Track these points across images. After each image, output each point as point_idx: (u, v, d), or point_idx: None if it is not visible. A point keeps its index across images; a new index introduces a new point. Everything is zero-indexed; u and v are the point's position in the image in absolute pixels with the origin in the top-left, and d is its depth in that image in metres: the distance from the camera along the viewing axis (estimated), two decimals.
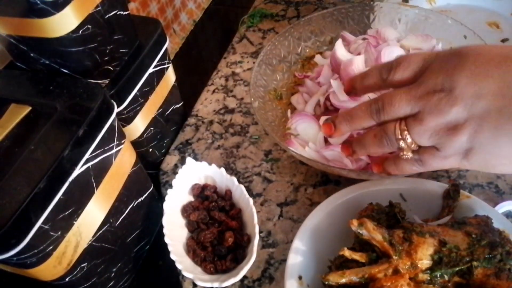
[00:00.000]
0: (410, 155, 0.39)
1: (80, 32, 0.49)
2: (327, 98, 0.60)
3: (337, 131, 0.44)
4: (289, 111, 0.65)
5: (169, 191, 0.58)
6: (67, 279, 0.47)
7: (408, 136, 0.37)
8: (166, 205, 0.57)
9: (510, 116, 0.31)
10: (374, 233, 0.43)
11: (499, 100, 0.32)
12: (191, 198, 0.60)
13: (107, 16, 0.52)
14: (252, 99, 0.60)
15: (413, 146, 0.38)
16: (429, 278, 0.41)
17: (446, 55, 0.36)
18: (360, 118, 0.41)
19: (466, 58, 0.34)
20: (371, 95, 0.50)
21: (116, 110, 0.49)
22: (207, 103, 0.76)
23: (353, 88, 0.46)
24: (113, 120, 0.48)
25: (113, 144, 0.49)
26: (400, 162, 0.40)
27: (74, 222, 0.45)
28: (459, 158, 0.36)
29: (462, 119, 0.33)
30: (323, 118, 0.56)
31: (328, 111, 0.60)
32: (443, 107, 0.34)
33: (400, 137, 0.37)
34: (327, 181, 0.61)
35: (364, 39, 0.65)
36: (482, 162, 0.35)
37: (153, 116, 0.64)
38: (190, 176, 0.60)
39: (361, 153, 0.44)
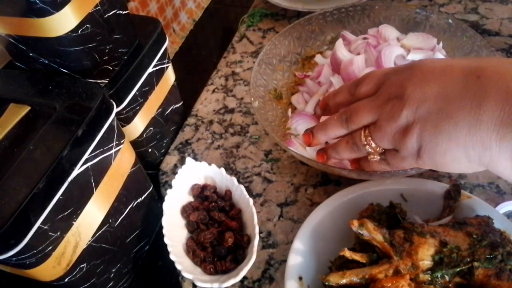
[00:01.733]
0: (377, 157, 0.44)
1: (79, 31, 0.49)
2: None
3: (314, 139, 0.49)
4: (289, 111, 0.65)
5: (168, 191, 0.58)
6: (66, 280, 0.47)
7: (371, 142, 0.42)
8: (165, 206, 0.56)
9: (447, 116, 0.35)
10: (375, 234, 0.43)
11: (438, 102, 0.36)
12: (191, 199, 0.60)
13: (107, 15, 0.52)
14: (252, 98, 0.60)
15: (378, 149, 0.43)
16: (430, 278, 0.41)
17: (401, 69, 0.41)
18: (333, 127, 0.46)
19: (415, 69, 0.39)
20: None
21: (115, 110, 0.49)
22: (207, 103, 0.76)
23: (327, 105, 0.51)
24: (113, 120, 0.48)
25: (112, 144, 0.49)
26: (371, 162, 0.45)
27: (73, 222, 0.45)
28: (415, 158, 0.40)
29: (411, 121, 0.37)
30: (323, 118, 0.57)
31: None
32: (395, 112, 0.38)
33: (365, 143, 0.43)
34: (327, 181, 0.61)
35: (364, 38, 0.65)
36: (431, 160, 0.38)
37: (153, 116, 0.64)
38: (189, 176, 0.60)
39: (335, 159, 0.49)
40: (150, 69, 0.59)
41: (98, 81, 0.52)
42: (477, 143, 0.34)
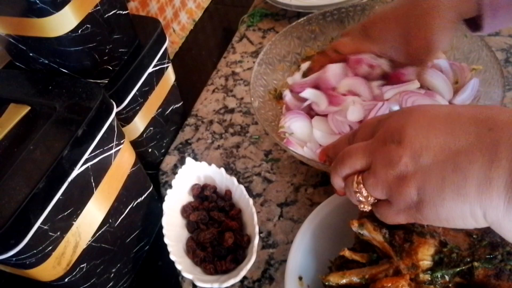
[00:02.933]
0: (368, 208, 0.39)
1: (79, 31, 0.49)
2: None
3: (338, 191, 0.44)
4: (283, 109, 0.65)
5: (168, 191, 0.58)
6: (66, 280, 0.47)
7: (363, 189, 0.37)
8: (165, 206, 0.56)
9: (455, 168, 0.32)
10: (375, 234, 0.43)
11: (446, 152, 0.32)
12: (191, 199, 0.60)
13: (107, 15, 0.52)
14: (252, 98, 0.60)
15: (370, 199, 0.38)
16: (430, 278, 0.41)
17: (398, 113, 0.37)
18: (332, 175, 0.42)
19: (414, 113, 0.36)
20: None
21: (115, 110, 0.49)
22: (207, 103, 0.76)
23: (327, 157, 0.47)
24: (113, 120, 0.48)
25: (112, 144, 0.49)
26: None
27: (73, 222, 0.45)
28: (412, 212, 0.35)
29: (411, 170, 0.34)
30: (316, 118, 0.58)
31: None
32: (393, 158, 0.34)
33: (356, 190, 0.38)
34: (327, 181, 0.61)
35: None
36: (434, 216, 0.34)
37: (153, 116, 0.64)
38: (189, 176, 0.60)
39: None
40: (150, 69, 0.59)
41: (98, 81, 0.52)
42: (486, 201, 0.31)
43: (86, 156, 0.45)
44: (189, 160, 0.60)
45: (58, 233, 0.44)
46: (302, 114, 0.61)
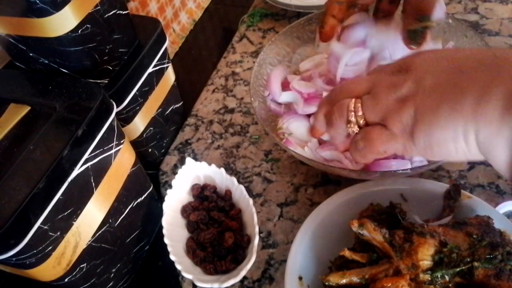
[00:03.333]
0: (356, 129, 0.37)
1: (79, 31, 0.49)
2: None
3: (313, 129, 0.43)
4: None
5: (168, 191, 0.58)
6: (66, 280, 0.47)
7: (359, 110, 0.36)
8: (165, 206, 0.56)
9: (455, 85, 0.32)
10: (375, 234, 0.43)
11: (449, 75, 0.33)
12: (191, 199, 0.60)
13: (107, 15, 0.52)
14: (252, 98, 0.60)
15: (361, 121, 0.37)
16: (430, 278, 0.41)
17: (411, 53, 0.38)
18: (321, 104, 0.41)
19: (424, 52, 0.36)
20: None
21: (115, 110, 0.49)
22: (207, 103, 0.76)
23: (328, 105, 0.43)
24: (113, 120, 0.48)
25: (112, 144, 0.49)
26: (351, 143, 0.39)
27: (73, 222, 0.45)
28: (406, 137, 0.34)
29: (412, 93, 0.34)
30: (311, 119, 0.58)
31: None
32: (397, 82, 0.34)
33: (352, 108, 0.37)
34: (327, 181, 0.61)
35: None
36: (426, 139, 0.33)
37: (153, 116, 0.64)
38: (189, 176, 0.60)
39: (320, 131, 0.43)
40: (150, 69, 0.59)
41: (98, 81, 0.52)
42: (480, 116, 0.30)
43: (86, 156, 0.45)
44: (189, 160, 0.60)
45: (58, 233, 0.44)
46: (299, 115, 0.61)
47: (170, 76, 0.66)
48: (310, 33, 0.70)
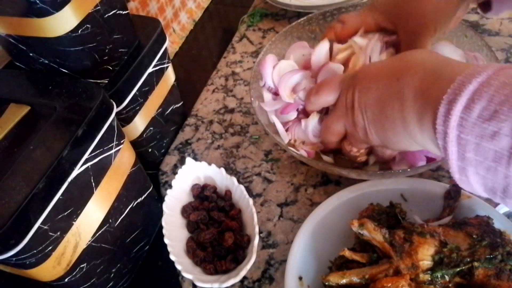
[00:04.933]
0: (364, 158, 0.53)
1: (79, 31, 0.49)
2: None
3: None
4: None
5: (168, 191, 0.58)
6: (66, 280, 0.47)
7: (353, 148, 0.50)
8: (165, 206, 0.56)
9: (386, 116, 0.42)
10: (375, 234, 0.43)
11: (378, 105, 0.43)
12: (191, 199, 0.60)
13: (107, 15, 0.52)
14: (252, 98, 0.60)
15: (363, 151, 0.51)
16: (430, 278, 0.41)
17: (349, 77, 0.48)
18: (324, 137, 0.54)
19: (359, 77, 0.46)
20: None
21: (115, 110, 0.49)
22: (207, 103, 0.76)
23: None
24: (113, 120, 0.48)
25: (112, 144, 0.49)
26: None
27: (73, 222, 0.45)
28: (386, 148, 0.50)
29: (366, 123, 0.45)
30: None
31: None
32: (354, 120, 0.46)
33: (348, 149, 0.51)
34: (327, 181, 0.61)
35: None
36: (394, 146, 0.46)
37: (153, 116, 0.64)
38: (189, 176, 0.60)
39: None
40: (150, 69, 0.59)
41: (98, 81, 0.52)
42: (411, 135, 0.41)
43: (86, 156, 0.45)
44: (189, 160, 0.60)
45: (58, 233, 0.44)
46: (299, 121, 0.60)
47: (170, 76, 0.66)
48: (310, 33, 0.70)
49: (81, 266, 0.48)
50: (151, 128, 0.64)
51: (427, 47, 0.54)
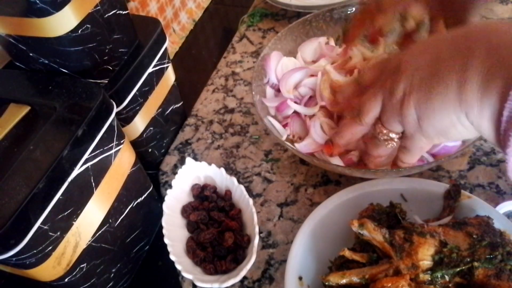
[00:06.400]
0: (394, 144, 0.42)
1: (79, 31, 0.48)
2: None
3: (335, 148, 0.48)
4: None
5: (168, 191, 0.58)
6: (66, 280, 0.47)
7: (382, 128, 0.41)
8: (165, 206, 0.56)
9: (438, 78, 0.35)
10: (375, 234, 0.43)
11: (431, 67, 0.35)
12: (191, 199, 0.60)
13: (107, 15, 0.52)
14: (254, 92, 0.60)
15: (392, 135, 0.41)
16: (430, 278, 0.41)
17: (400, 50, 0.42)
18: (348, 127, 0.45)
19: (411, 46, 0.39)
20: None
21: (115, 110, 0.49)
22: (207, 103, 0.76)
23: (337, 102, 0.51)
24: (113, 120, 0.48)
25: (112, 144, 0.49)
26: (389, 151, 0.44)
27: (73, 222, 0.45)
28: (419, 134, 0.39)
29: (408, 92, 0.37)
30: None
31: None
32: (393, 87, 0.38)
33: (378, 131, 0.41)
34: (327, 181, 0.61)
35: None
36: (432, 129, 0.37)
37: (153, 116, 0.64)
38: (189, 176, 0.60)
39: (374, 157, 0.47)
40: (150, 69, 0.59)
41: (98, 81, 0.52)
42: (464, 103, 0.33)
43: (86, 156, 0.45)
44: (189, 160, 0.60)
45: (58, 233, 0.44)
46: (297, 116, 0.61)
47: (170, 76, 0.66)
48: (310, 33, 0.70)
49: (81, 266, 0.48)
50: (151, 128, 0.64)
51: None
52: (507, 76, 0.30)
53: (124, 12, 0.55)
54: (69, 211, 0.44)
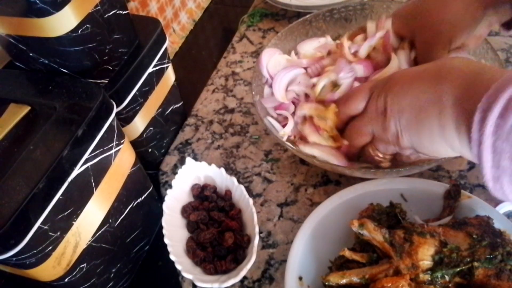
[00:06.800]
0: (388, 163, 0.50)
1: (79, 31, 0.49)
2: None
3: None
4: None
5: (168, 191, 0.58)
6: (66, 280, 0.47)
7: (378, 153, 0.49)
8: (165, 206, 0.56)
9: (423, 123, 0.41)
10: (375, 234, 0.43)
11: (413, 112, 0.42)
12: (191, 199, 0.60)
13: (107, 15, 0.52)
14: (254, 92, 0.60)
15: (387, 156, 0.49)
16: (430, 278, 0.41)
17: (381, 83, 0.47)
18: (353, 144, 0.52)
19: (391, 82, 0.45)
20: None
21: (115, 110, 0.49)
22: (207, 103, 0.76)
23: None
24: (113, 120, 0.48)
25: (112, 144, 0.49)
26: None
27: (73, 222, 0.45)
28: (416, 155, 0.48)
29: (399, 129, 0.44)
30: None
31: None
32: (385, 125, 0.45)
33: (372, 154, 0.49)
34: (327, 181, 0.61)
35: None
36: (427, 151, 0.44)
37: (153, 116, 0.64)
38: (189, 176, 0.60)
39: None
40: (150, 69, 0.59)
41: (98, 81, 0.52)
42: (448, 141, 0.40)
43: (86, 156, 0.45)
44: (189, 160, 0.60)
45: (58, 233, 0.44)
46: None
47: (170, 76, 0.66)
48: (310, 33, 0.70)
49: (81, 266, 0.48)
50: (151, 128, 0.64)
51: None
52: (467, 124, 0.36)
53: (124, 12, 0.55)
54: (69, 211, 0.44)
